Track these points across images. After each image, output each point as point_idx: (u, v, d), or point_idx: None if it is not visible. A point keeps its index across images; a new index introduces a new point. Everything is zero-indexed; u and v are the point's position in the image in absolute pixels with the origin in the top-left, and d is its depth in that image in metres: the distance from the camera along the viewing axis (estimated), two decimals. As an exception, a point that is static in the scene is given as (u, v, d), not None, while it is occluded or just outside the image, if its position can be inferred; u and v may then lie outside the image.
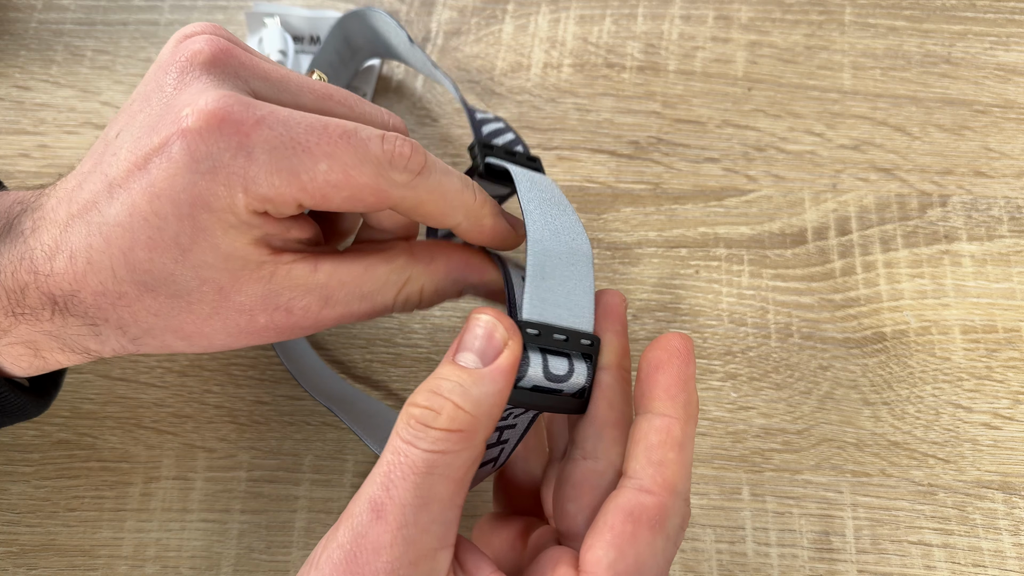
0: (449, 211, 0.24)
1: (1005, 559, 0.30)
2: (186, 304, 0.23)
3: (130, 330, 0.23)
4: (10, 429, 0.32)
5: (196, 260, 0.22)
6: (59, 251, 0.23)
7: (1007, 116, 0.37)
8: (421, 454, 0.21)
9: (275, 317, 0.24)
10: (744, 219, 0.35)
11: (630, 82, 0.38)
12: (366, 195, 0.22)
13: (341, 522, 0.21)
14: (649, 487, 0.22)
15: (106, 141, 0.24)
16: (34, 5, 0.41)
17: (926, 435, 0.32)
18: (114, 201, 0.22)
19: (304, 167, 0.22)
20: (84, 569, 0.30)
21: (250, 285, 0.23)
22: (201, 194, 0.21)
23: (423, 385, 0.22)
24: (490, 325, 0.22)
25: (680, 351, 0.23)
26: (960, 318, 0.34)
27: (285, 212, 0.22)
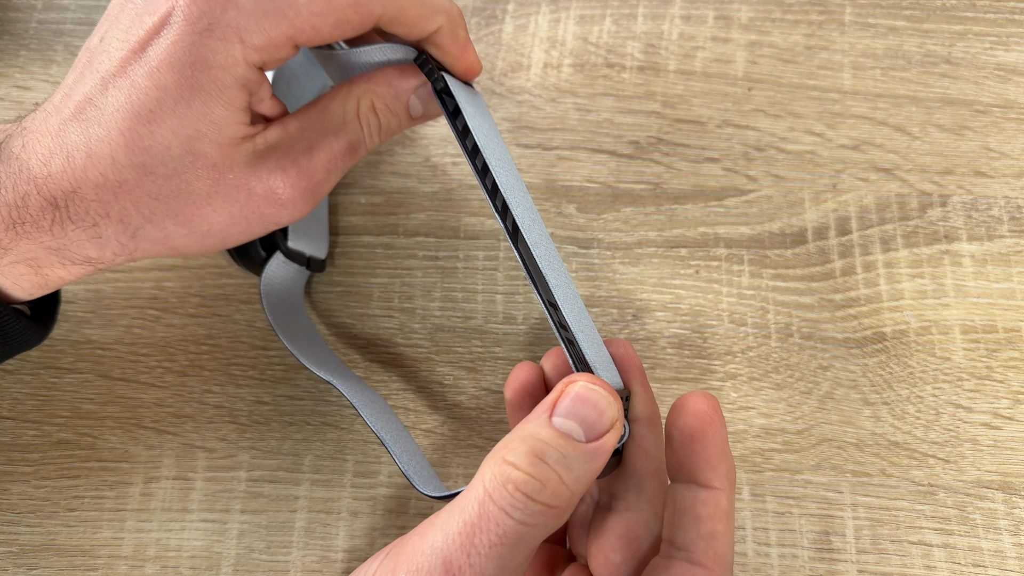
0: (429, 12, 0.25)
1: (1005, 559, 0.30)
2: (184, 184, 0.24)
3: (131, 220, 0.24)
4: (10, 429, 0.32)
5: (190, 129, 0.23)
6: (55, 154, 0.23)
7: (1007, 116, 0.37)
8: (514, 525, 0.19)
9: (270, 182, 0.24)
10: (744, 219, 0.35)
11: (630, 82, 0.38)
12: (350, 14, 0.23)
13: (400, 568, 0.20)
14: (701, 561, 0.22)
15: (90, 50, 0.25)
16: (34, 5, 0.41)
17: (926, 435, 0.32)
18: (111, 90, 0.23)
19: (288, 4, 0.23)
20: (84, 569, 0.30)
21: (238, 156, 0.24)
22: (201, 53, 0.22)
23: (518, 442, 0.20)
24: (604, 401, 0.21)
25: (713, 417, 0.23)
26: (960, 318, 0.34)
27: (282, 55, 0.23)
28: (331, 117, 0.26)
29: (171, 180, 0.24)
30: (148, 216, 0.24)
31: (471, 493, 0.20)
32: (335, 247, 0.35)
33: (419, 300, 0.34)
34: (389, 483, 0.32)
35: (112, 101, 0.23)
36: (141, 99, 0.23)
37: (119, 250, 0.25)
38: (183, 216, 0.24)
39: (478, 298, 0.34)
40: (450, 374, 0.33)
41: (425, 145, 0.37)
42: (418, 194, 0.36)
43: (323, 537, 0.31)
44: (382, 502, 0.31)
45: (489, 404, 0.33)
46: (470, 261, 0.35)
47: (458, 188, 0.36)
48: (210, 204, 0.24)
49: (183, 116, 0.23)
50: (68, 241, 0.24)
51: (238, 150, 0.24)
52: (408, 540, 0.21)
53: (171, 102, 0.23)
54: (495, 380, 0.33)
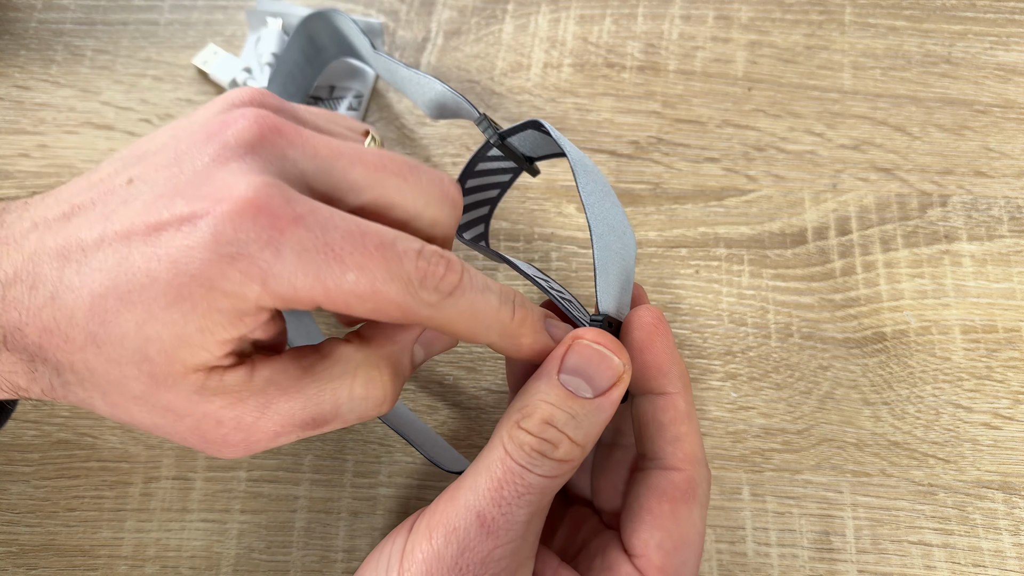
0: (481, 331, 0.23)
1: (1005, 559, 0.30)
2: (120, 376, 0.21)
3: (64, 375, 0.22)
4: (10, 429, 0.32)
5: (152, 331, 0.21)
6: (21, 279, 0.21)
7: (1007, 116, 0.37)
8: (535, 478, 0.21)
9: (202, 424, 0.22)
10: (744, 219, 0.35)
11: (630, 82, 0.38)
12: (391, 310, 0.21)
13: (438, 533, 0.21)
14: (672, 464, 0.23)
15: (112, 181, 0.22)
16: (34, 5, 0.41)
17: (926, 435, 0.32)
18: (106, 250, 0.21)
19: (332, 275, 0.20)
20: (84, 569, 0.30)
21: (186, 382, 0.21)
22: (210, 273, 0.20)
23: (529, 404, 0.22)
24: (606, 354, 0.22)
25: (657, 326, 0.24)
26: (960, 318, 0.34)
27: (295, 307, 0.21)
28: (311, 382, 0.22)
29: (111, 364, 0.21)
30: (80, 380, 0.22)
31: (493, 453, 0.22)
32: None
33: (419, 300, 0.34)
34: (389, 483, 0.32)
35: (100, 260, 0.21)
36: (126, 277, 0.20)
37: (47, 389, 0.23)
38: (110, 400, 0.22)
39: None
40: (450, 374, 0.33)
41: (425, 145, 0.37)
42: (418, 194, 0.36)
43: (323, 537, 0.31)
44: (382, 502, 0.31)
45: (489, 404, 0.33)
46: (470, 261, 0.35)
47: (458, 188, 0.36)
48: (138, 405, 0.22)
49: (154, 315, 0.20)
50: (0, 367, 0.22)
51: (187, 376, 0.21)
52: (437, 506, 0.22)
53: (150, 295, 0.20)
54: (495, 380, 0.33)
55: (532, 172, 0.31)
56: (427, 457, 0.29)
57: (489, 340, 0.23)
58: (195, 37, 0.40)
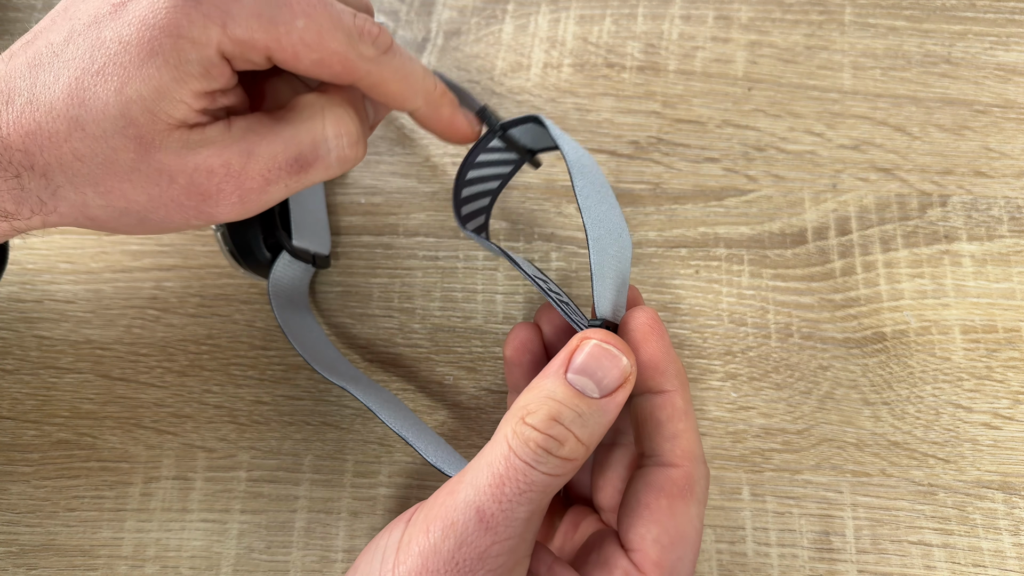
0: (410, 93, 0.25)
1: (1005, 559, 0.30)
2: (109, 151, 0.22)
3: (54, 176, 0.23)
4: (10, 428, 0.32)
5: (132, 91, 0.22)
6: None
7: (1007, 116, 0.37)
8: (540, 476, 0.21)
9: (195, 178, 0.23)
10: (744, 219, 0.35)
11: (630, 82, 0.38)
12: (334, 62, 0.23)
13: (435, 527, 0.21)
14: (671, 461, 0.23)
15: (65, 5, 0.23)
16: (34, 5, 0.41)
17: (926, 435, 0.32)
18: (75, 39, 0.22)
19: (283, 18, 0.22)
20: (84, 569, 0.30)
21: (169, 139, 0.23)
22: (177, 19, 0.21)
23: (535, 401, 0.22)
24: (616, 355, 0.22)
25: (652, 326, 0.24)
26: (960, 318, 0.34)
27: (250, 62, 0.23)
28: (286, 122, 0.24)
29: (98, 142, 0.22)
30: (70, 176, 0.23)
31: (496, 449, 0.22)
32: (335, 247, 0.35)
33: (419, 300, 0.34)
34: (389, 483, 0.32)
35: (72, 51, 0.22)
36: (99, 52, 0.22)
37: (37, 207, 0.24)
38: (103, 186, 0.23)
39: (478, 298, 0.34)
40: (450, 374, 0.33)
41: (425, 145, 0.37)
42: (418, 194, 0.36)
43: (323, 537, 0.31)
44: (382, 502, 0.31)
45: (489, 404, 0.33)
46: (470, 261, 0.35)
47: (458, 188, 0.36)
48: (130, 180, 0.23)
49: (131, 75, 0.22)
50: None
51: (172, 133, 0.23)
52: (436, 500, 0.22)
53: (125, 58, 0.22)
54: (495, 380, 0.33)
55: (534, 164, 0.32)
56: (428, 460, 0.29)
57: (416, 104, 0.25)
58: (195, 37, 0.40)
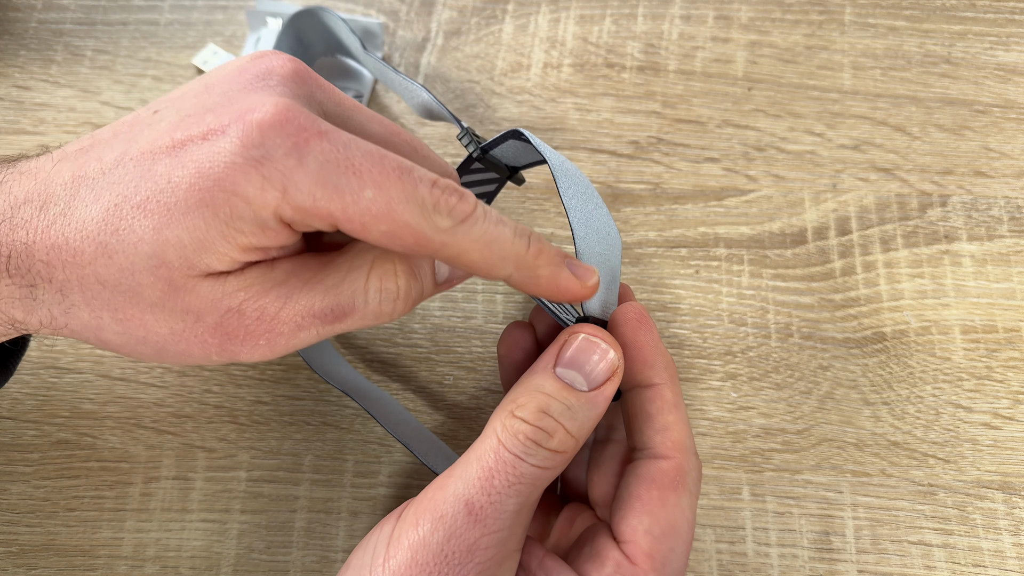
0: (495, 261, 0.22)
1: (1005, 559, 0.30)
2: (135, 284, 0.21)
3: (70, 296, 0.22)
4: (10, 428, 0.32)
5: (171, 235, 0.21)
6: (31, 201, 0.21)
7: (1007, 116, 0.37)
8: (529, 468, 0.21)
9: (224, 320, 0.22)
10: (744, 219, 0.35)
11: (630, 82, 0.38)
12: (405, 234, 0.21)
13: (424, 520, 0.21)
14: (662, 453, 0.23)
15: (138, 120, 0.22)
16: (34, 5, 0.41)
17: (926, 435, 0.32)
18: (126, 166, 0.21)
19: (350, 187, 0.20)
20: (84, 569, 0.30)
21: (205, 284, 0.21)
22: (233, 176, 0.20)
23: (526, 396, 0.22)
24: (603, 349, 0.23)
25: (640, 321, 0.24)
26: (960, 318, 0.33)
27: (311, 227, 0.21)
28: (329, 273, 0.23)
29: (124, 273, 0.21)
30: (88, 299, 0.22)
31: (486, 443, 0.22)
32: (335, 247, 0.35)
33: (419, 300, 0.34)
34: (389, 483, 0.32)
35: (118, 175, 0.21)
36: (145, 184, 0.21)
37: (47, 320, 0.23)
38: (122, 313, 0.22)
39: (478, 298, 0.34)
40: (450, 374, 0.33)
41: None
42: (418, 194, 0.36)
43: (323, 537, 0.31)
44: (382, 502, 0.31)
45: (489, 404, 0.33)
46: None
47: (458, 188, 0.36)
48: (153, 313, 0.22)
49: (173, 218, 0.20)
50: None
51: (206, 279, 0.21)
52: (425, 494, 0.22)
53: (170, 199, 0.20)
54: (495, 380, 0.33)
55: (517, 181, 0.32)
56: (421, 460, 0.29)
57: (506, 272, 0.23)
58: (195, 37, 0.40)
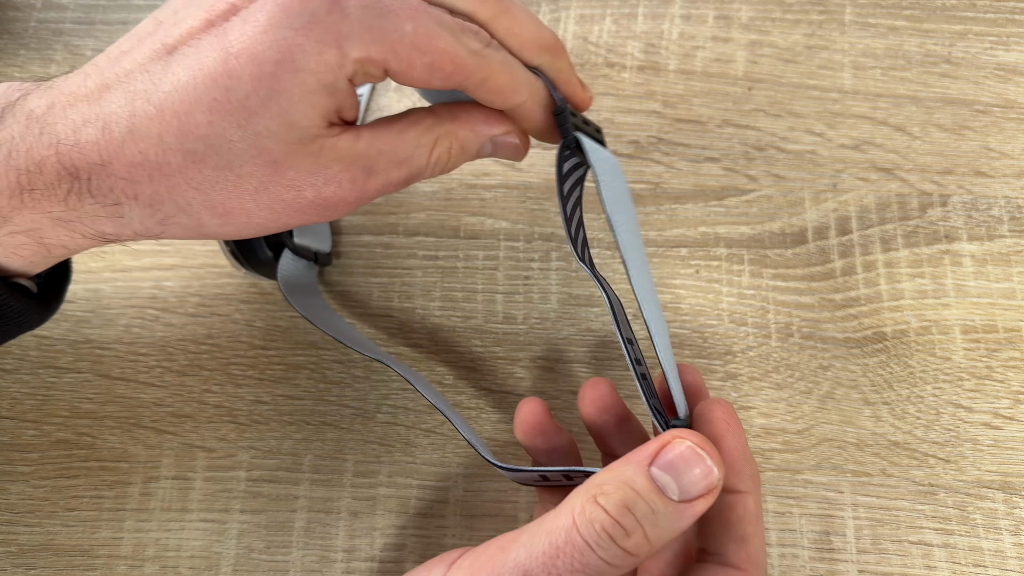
0: (516, 86, 0.24)
1: (1006, 559, 0.30)
2: (235, 177, 0.22)
3: (163, 207, 0.22)
4: (10, 428, 0.32)
5: (260, 127, 0.21)
6: (89, 123, 0.21)
7: (1007, 116, 0.37)
8: (596, 560, 0.20)
9: (323, 191, 0.23)
10: (744, 219, 0.35)
11: (630, 81, 0.38)
12: (445, 62, 0.22)
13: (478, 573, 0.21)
14: (735, 563, 0.22)
15: (158, 20, 0.23)
16: (33, 4, 0.41)
17: (926, 435, 0.32)
18: (172, 65, 0.21)
19: (393, 26, 0.21)
20: (83, 569, 0.30)
21: (302, 159, 0.22)
22: (291, 50, 0.21)
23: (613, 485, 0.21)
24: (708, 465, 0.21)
25: (730, 423, 0.23)
26: (960, 318, 0.33)
27: (371, 76, 0.22)
28: (404, 145, 0.24)
29: (222, 172, 0.22)
30: (183, 206, 0.22)
31: (560, 520, 0.21)
32: (335, 247, 0.35)
33: (419, 300, 0.34)
34: (389, 483, 0.31)
35: (172, 78, 0.21)
36: (206, 85, 0.21)
37: (141, 231, 0.23)
38: (223, 208, 0.23)
39: (478, 298, 0.34)
40: (450, 374, 0.33)
41: (425, 145, 0.37)
42: (418, 194, 0.36)
43: (323, 537, 0.31)
44: (382, 502, 0.31)
45: (489, 404, 0.33)
46: (470, 261, 0.35)
47: (458, 188, 0.36)
48: (256, 199, 0.23)
49: (255, 113, 0.21)
50: (82, 214, 0.22)
51: (304, 152, 0.22)
52: (485, 551, 0.21)
53: (242, 94, 0.21)
54: (495, 380, 0.33)
55: None
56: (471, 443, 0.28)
57: (522, 97, 0.25)
58: (195, 36, 0.40)
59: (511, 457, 0.32)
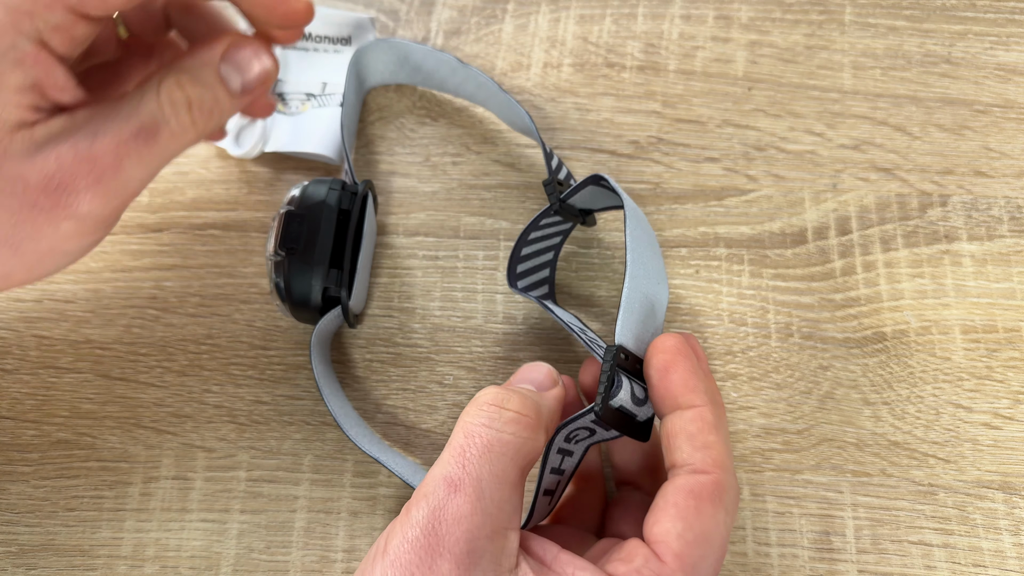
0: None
1: (1005, 559, 0.30)
2: None
3: None
4: (10, 428, 0.32)
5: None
6: None
7: (1007, 116, 0.37)
8: (495, 433, 0.23)
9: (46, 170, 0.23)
10: (744, 219, 0.35)
11: (630, 82, 0.38)
12: None
13: (412, 506, 0.22)
14: (702, 468, 0.24)
15: None
16: (33, 4, 0.41)
17: (926, 435, 0.32)
18: None
19: None
20: (83, 569, 0.30)
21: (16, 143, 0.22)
22: None
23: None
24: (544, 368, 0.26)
25: (680, 349, 0.25)
26: (960, 318, 0.33)
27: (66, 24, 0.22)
28: (125, 101, 0.24)
29: None
30: None
31: (456, 431, 0.24)
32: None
33: (419, 300, 0.34)
34: (389, 483, 0.31)
35: None
36: None
37: None
38: None
39: (478, 298, 0.34)
40: (450, 374, 0.33)
41: (425, 145, 0.37)
42: (418, 194, 0.36)
43: (323, 537, 0.31)
44: (382, 502, 0.31)
45: (489, 404, 0.33)
46: (470, 261, 0.35)
47: (458, 188, 0.36)
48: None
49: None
50: None
51: (14, 137, 0.22)
52: None
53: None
54: (495, 380, 0.33)
55: (588, 223, 0.33)
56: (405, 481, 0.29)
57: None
58: (195, 37, 0.40)
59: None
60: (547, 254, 0.34)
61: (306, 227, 0.30)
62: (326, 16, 0.39)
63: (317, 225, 0.30)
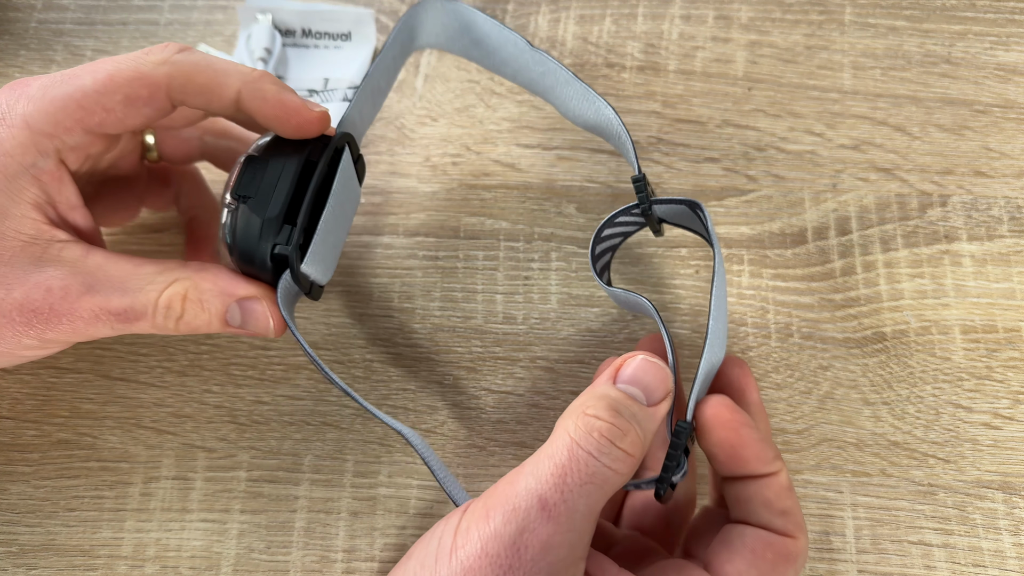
0: (223, 79, 0.25)
1: (1005, 559, 0.30)
2: None
3: None
4: (10, 428, 0.32)
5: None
6: None
7: (1007, 116, 0.37)
8: (601, 467, 0.21)
9: (32, 293, 0.24)
10: (744, 219, 0.35)
11: (630, 82, 0.38)
12: (137, 88, 0.24)
13: (496, 512, 0.21)
14: (786, 531, 0.23)
15: None
16: (34, 5, 0.41)
17: (926, 435, 0.32)
18: None
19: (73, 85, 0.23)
20: (84, 569, 0.30)
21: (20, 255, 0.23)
22: None
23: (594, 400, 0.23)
24: (662, 372, 0.24)
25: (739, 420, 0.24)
26: (960, 318, 0.33)
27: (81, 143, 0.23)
28: (136, 276, 0.25)
29: None
30: None
31: (558, 442, 0.22)
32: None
33: (419, 300, 0.34)
34: (389, 483, 0.32)
35: None
36: None
37: None
38: None
39: (478, 298, 0.34)
40: (450, 374, 0.33)
41: (425, 145, 0.37)
42: (418, 194, 0.36)
43: (323, 537, 0.31)
44: (382, 502, 0.31)
45: (489, 404, 0.33)
46: (470, 261, 0.35)
47: (458, 188, 0.36)
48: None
49: None
50: None
51: (25, 249, 0.24)
52: (495, 490, 0.22)
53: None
54: (495, 380, 0.33)
55: (658, 233, 0.31)
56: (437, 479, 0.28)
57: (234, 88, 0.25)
58: (195, 37, 0.40)
59: (511, 457, 0.32)
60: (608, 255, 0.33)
61: (265, 175, 0.27)
62: (326, 13, 0.39)
63: (279, 174, 0.27)
